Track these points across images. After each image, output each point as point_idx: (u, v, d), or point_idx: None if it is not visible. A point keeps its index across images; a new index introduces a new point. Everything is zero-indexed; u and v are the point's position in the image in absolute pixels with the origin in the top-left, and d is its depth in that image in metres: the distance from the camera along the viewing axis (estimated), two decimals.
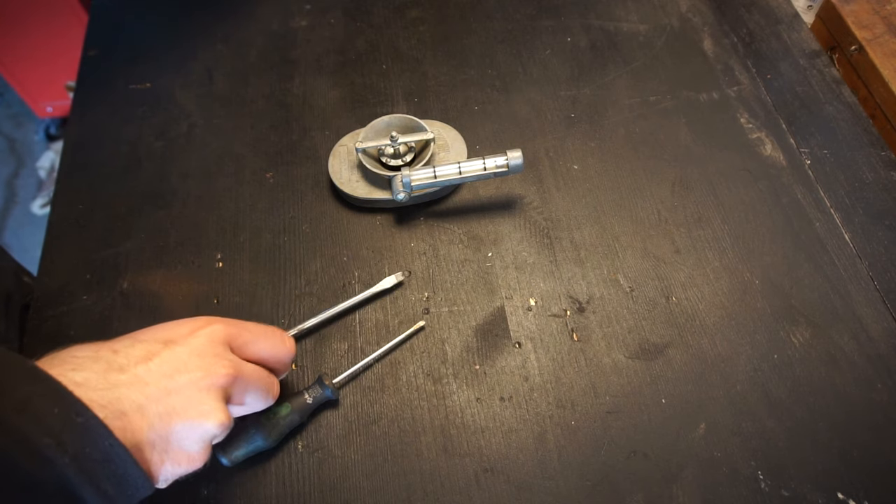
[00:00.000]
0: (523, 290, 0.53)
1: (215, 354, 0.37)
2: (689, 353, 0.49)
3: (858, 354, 0.49)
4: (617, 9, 0.71)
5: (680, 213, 0.57)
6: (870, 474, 0.44)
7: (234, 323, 0.40)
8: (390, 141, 0.55)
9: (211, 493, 0.45)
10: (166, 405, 0.34)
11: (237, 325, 0.40)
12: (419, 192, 0.55)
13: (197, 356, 0.36)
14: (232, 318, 0.42)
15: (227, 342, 0.39)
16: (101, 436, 0.30)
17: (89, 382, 0.32)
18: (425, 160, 0.55)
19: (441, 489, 0.44)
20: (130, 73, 0.69)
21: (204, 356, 0.37)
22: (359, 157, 0.55)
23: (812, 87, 0.64)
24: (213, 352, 0.37)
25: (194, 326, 0.38)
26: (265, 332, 0.42)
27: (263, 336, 0.41)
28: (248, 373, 0.39)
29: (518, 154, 0.52)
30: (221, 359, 0.37)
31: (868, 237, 0.55)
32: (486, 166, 0.52)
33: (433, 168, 0.53)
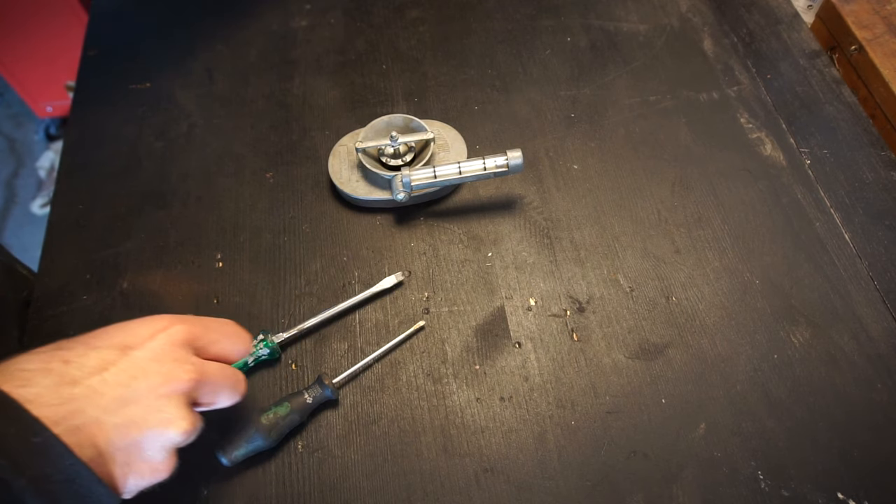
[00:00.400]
0: (523, 290, 0.53)
1: (176, 359, 0.35)
2: (689, 353, 0.49)
3: (858, 354, 0.49)
4: (617, 9, 0.71)
5: (680, 213, 0.57)
6: (870, 474, 0.44)
7: (195, 321, 0.38)
8: (390, 141, 0.55)
9: (211, 493, 0.45)
10: (124, 416, 0.32)
11: (199, 323, 0.38)
12: (419, 192, 0.55)
13: (156, 361, 0.34)
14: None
15: (188, 343, 0.37)
16: (61, 455, 0.29)
17: (41, 398, 0.30)
18: (425, 160, 0.55)
19: (441, 489, 0.44)
20: (130, 73, 0.69)
21: (164, 361, 0.34)
22: (359, 157, 0.55)
23: (812, 87, 0.64)
24: (174, 356, 0.35)
25: (154, 328, 0.36)
26: (227, 329, 0.40)
27: (226, 335, 0.40)
28: (213, 373, 0.37)
29: (518, 154, 0.52)
30: (183, 363, 0.35)
31: (868, 237, 0.54)
32: (486, 166, 0.52)
33: (433, 168, 0.53)
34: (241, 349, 0.41)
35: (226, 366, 0.39)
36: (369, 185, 0.56)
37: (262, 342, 0.48)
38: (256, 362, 0.48)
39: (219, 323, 0.40)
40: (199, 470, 0.45)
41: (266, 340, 0.48)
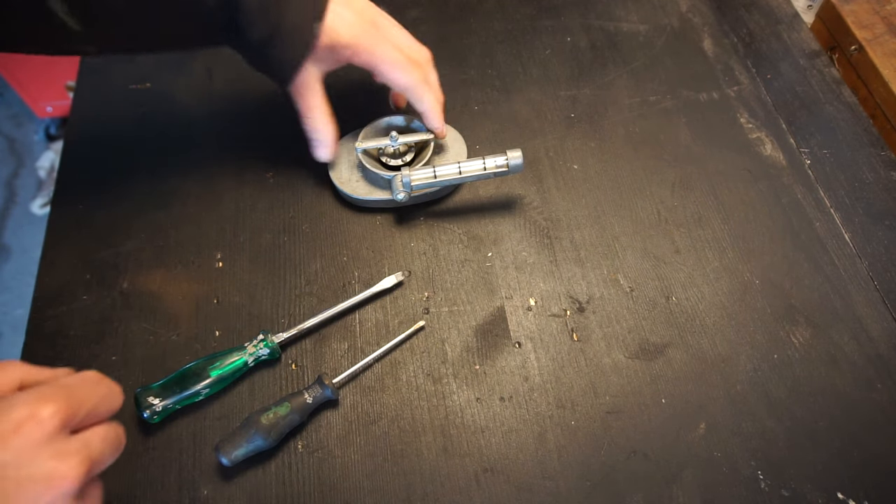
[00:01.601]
0: (523, 290, 0.53)
1: (55, 454, 0.28)
2: (689, 353, 0.49)
3: (858, 354, 0.49)
4: (617, 9, 0.71)
5: (680, 213, 0.57)
6: (870, 474, 0.44)
7: (60, 394, 0.29)
8: (390, 141, 0.55)
9: (211, 493, 0.45)
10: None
11: (67, 396, 0.30)
12: (419, 192, 0.55)
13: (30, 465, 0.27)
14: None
15: (64, 426, 0.29)
16: None
17: None
18: (425, 160, 0.55)
19: (441, 489, 0.44)
20: (130, 73, 0.69)
21: (40, 461, 0.27)
22: (359, 157, 0.55)
23: (812, 87, 0.64)
24: (52, 451, 0.27)
25: (16, 419, 0.27)
26: (99, 389, 0.32)
27: (99, 395, 0.32)
28: (101, 451, 0.30)
29: (518, 154, 0.52)
30: (65, 456, 0.28)
31: (868, 237, 0.55)
32: (486, 166, 0.53)
33: (433, 168, 0.53)
34: (116, 405, 0.33)
35: (108, 428, 0.32)
36: (369, 185, 0.56)
37: (262, 342, 0.48)
38: (256, 362, 0.48)
39: (85, 382, 0.32)
40: (199, 470, 0.45)
41: (266, 340, 0.48)
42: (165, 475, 0.45)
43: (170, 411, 0.45)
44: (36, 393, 0.29)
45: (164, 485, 0.45)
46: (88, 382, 0.32)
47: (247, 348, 0.47)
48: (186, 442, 0.46)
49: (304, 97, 0.52)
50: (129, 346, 0.50)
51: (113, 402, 0.33)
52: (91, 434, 0.30)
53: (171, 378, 0.46)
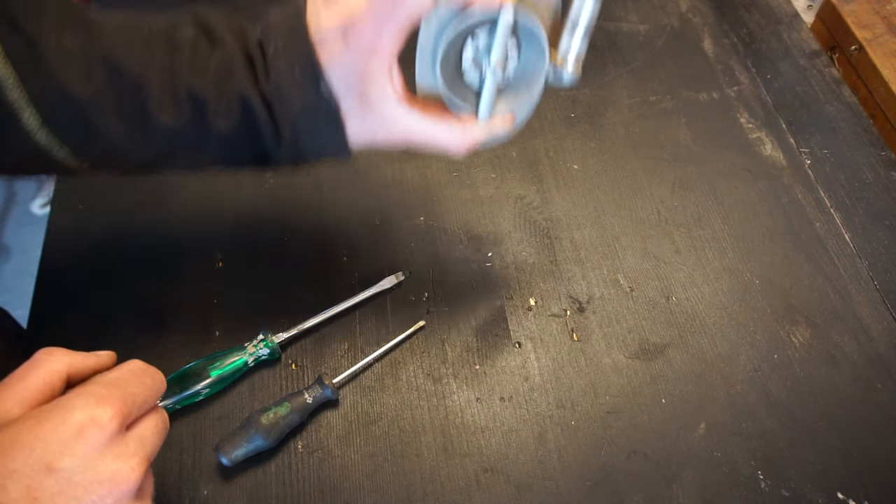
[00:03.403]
0: (523, 290, 0.53)
1: (117, 455, 0.28)
2: (689, 353, 0.49)
3: (858, 354, 0.49)
4: (617, 9, 0.71)
5: (680, 213, 0.57)
6: (870, 474, 0.44)
7: (115, 394, 0.30)
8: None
9: (211, 494, 0.45)
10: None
11: (121, 394, 0.30)
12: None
13: (94, 469, 0.27)
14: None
15: (122, 426, 0.30)
16: None
17: None
18: None
19: (441, 489, 0.44)
20: None
21: (103, 464, 0.28)
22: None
23: (812, 87, 0.64)
24: (114, 453, 0.28)
25: (77, 425, 0.28)
26: (145, 379, 0.33)
27: (147, 386, 0.32)
28: (155, 443, 0.31)
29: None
30: (126, 457, 0.29)
31: (868, 237, 0.55)
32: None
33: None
34: (161, 392, 0.34)
35: (156, 418, 0.33)
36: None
37: (262, 342, 0.48)
38: (256, 362, 0.48)
39: (134, 375, 0.32)
40: (199, 470, 0.45)
41: (266, 340, 0.48)
42: (165, 475, 0.45)
43: (170, 411, 0.45)
44: (92, 395, 0.29)
45: (164, 485, 0.45)
46: (136, 375, 0.32)
47: (247, 348, 0.47)
48: (186, 442, 0.46)
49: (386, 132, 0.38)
50: (128, 347, 0.50)
51: (159, 391, 0.34)
52: (144, 429, 0.31)
53: (171, 378, 0.46)
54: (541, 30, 0.36)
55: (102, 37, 0.35)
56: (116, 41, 0.35)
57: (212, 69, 0.36)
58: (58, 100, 0.33)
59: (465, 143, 0.39)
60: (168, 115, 0.35)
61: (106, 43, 0.35)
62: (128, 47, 0.35)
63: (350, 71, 0.35)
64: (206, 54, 0.36)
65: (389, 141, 0.38)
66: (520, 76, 0.38)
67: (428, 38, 0.36)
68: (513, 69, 0.38)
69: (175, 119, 0.36)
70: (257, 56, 0.36)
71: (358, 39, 0.34)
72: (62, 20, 0.34)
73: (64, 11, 0.35)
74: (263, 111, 0.36)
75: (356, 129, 0.37)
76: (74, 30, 0.34)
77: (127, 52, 0.35)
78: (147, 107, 0.35)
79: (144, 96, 0.35)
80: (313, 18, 0.35)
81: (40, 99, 0.33)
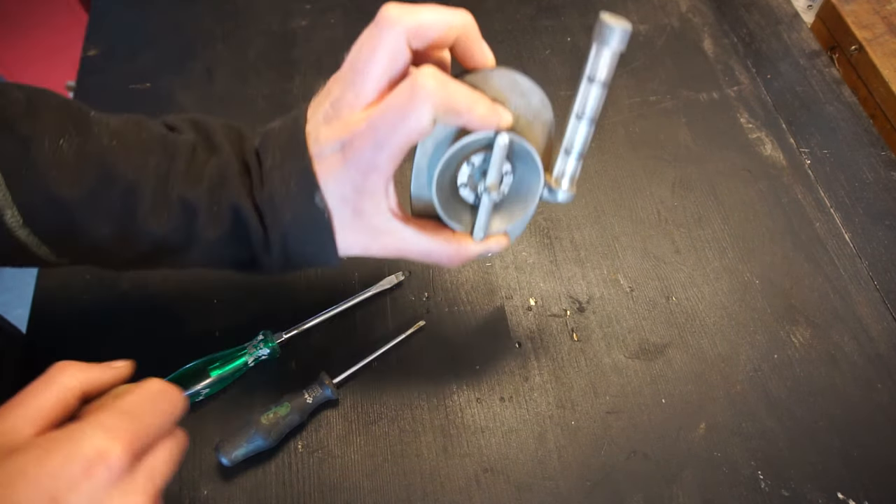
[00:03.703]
0: (523, 290, 0.53)
1: (124, 493, 0.28)
2: (689, 353, 0.49)
3: (858, 354, 0.49)
4: (617, 9, 0.71)
5: (680, 213, 0.57)
6: (870, 474, 0.44)
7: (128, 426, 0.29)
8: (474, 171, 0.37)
9: (211, 494, 0.45)
10: None
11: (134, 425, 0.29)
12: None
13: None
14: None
15: (134, 461, 0.29)
16: None
17: None
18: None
19: (441, 489, 0.44)
20: (130, 73, 0.69)
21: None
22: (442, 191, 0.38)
23: (812, 87, 0.64)
24: (122, 490, 0.28)
25: (85, 461, 0.27)
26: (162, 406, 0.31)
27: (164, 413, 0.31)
28: (164, 473, 0.30)
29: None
30: (134, 495, 0.28)
31: (868, 237, 0.55)
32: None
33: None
34: (179, 415, 0.32)
35: (171, 445, 0.32)
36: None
37: (262, 342, 0.48)
38: (256, 362, 0.48)
39: (149, 401, 0.31)
40: (199, 470, 0.45)
41: (266, 340, 0.48)
42: None
43: None
44: (102, 428, 0.28)
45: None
46: (153, 400, 0.31)
47: (247, 348, 0.47)
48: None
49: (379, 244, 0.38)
50: (128, 347, 0.50)
51: (176, 415, 0.32)
52: (156, 459, 0.30)
53: (171, 378, 0.46)
54: (535, 153, 0.36)
55: (100, 139, 0.35)
56: (113, 145, 0.35)
57: (206, 177, 0.36)
58: (43, 201, 0.33)
59: (458, 260, 0.39)
60: (157, 222, 0.36)
61: (102, 146, 0.35)
62: (125, 151, 0.35)
63: (346, 186, 0.35)
64: (202, 160, 0.36)
65: (382, 253, 0.38)
66: (515, 194, 0.39)
67: (424, 156, 0.36)
68: (507, 187, 0.38)
69: (164, 225, 0.36)
70: (254, 165, 0.36)
71: (355, 157, 0.33)
72: (61, 122, 0.34)
73: (64, 113, 0.35)
74: (255, 220, 0.36)
75: (349, 241, 0.37)
76: (71, 132, 0.34)
77: (123, 156, 0.35)
78: (136, 212, 0.35)
79: (135, 202, 0.35)
80: (312, 131, 0.35)
81: (25, 200, 0.33)
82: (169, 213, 0.35)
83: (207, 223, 0.36)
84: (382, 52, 0.33)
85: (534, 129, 0.37)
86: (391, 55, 0.33)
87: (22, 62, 1.63)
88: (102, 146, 0.35)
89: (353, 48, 0.34)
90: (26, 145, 0.33)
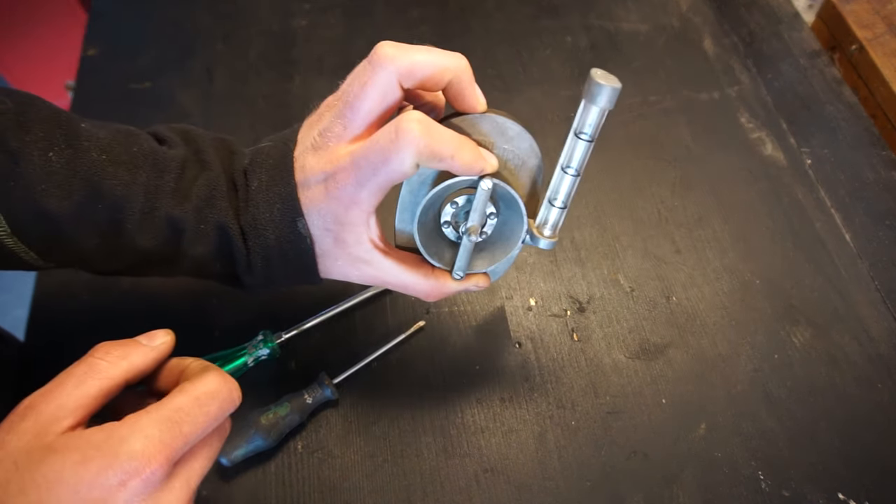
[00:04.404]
0: (523, 290, 0.53)
1: (160, 501, 0.28)
2: (689, 353, 0.49)
3: (859, 354, 0.49)
4: (617, 9, 0.71)
5: (680, 213, 0.57)
6: (870, 474, 0.44)
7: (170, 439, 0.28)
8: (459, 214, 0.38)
9: (211, 493, 0.45)
10: None
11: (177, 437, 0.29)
12: None
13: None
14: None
15: (171, 468, 0.29)
16: None
17: None
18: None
19: (441, 489, 0.44)
20: (130, 73, 0.69)
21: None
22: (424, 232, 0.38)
23: (812, 86, 0.64)
24: (156, 499, 0.28)
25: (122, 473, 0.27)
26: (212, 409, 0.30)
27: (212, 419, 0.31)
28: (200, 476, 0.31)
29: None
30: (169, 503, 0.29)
31: (868, 237, 0.54)
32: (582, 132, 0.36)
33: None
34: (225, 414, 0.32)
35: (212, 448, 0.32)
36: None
37: (262, 342, 0.48)
38: (256, 362, 0.48)
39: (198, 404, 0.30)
40: None
41: (266, 340, 0.48)
42: None
43: None
44: (143, 436, 0.27)
45: None
46: (200, 405, 0.30)
47: (246, 348, 0.47)
48: None
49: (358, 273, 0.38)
50: None
51: (224, 415, 0.32)
52: (194, 463, 0.30)
53: None
54: (519, 200, 0.37)
55: (90, 153, 0.35)
56: (103, 159, 0.35)
57: (194, 195, 0.36)
58: (31, 213, 0.34)
59: (436, 295, 0.40)
60: (144, 237, 0.36)
61: (91, 160, 0.35)
62: (113, 167, 0.35)
63: (328, 217, 0.35)
64: (191, 177, 0.37)
65: (361, 280, 0.39)
66: (498, 235, 0.39)
67: (410, 192, 0.37)
68: (491, 229, 0.39)
69: (151, 241, 0.36)
70: (241, 185, 0.37)
71: (338, 191, 0.34)
72: (51, 136, 0.34)
73: (54, 125, 0.35)
74: (240, 240, 0.36)
75: (329, 267, 0.38)
76: (61, 145, 0.34)
77: (112, 171, 0.35)
78: (124, 227, 0.35)
79: (122, 217, 0.35)
80: (300, 157, 0.35)
81: (13, 211, 0.34)
82: (156, 229, 0.36)
83: (194, 240, 0.36)
84: (373, 90, 0.33)
85: (520, 175, 0.38)
86: (382, 92, 0.33)
87: (22, 62, 1.63)
88: (92, 160, 0.35)
89: (347, 80, 0.35)
90: (15, 158, 0.33)
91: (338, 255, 0.37)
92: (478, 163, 0.34)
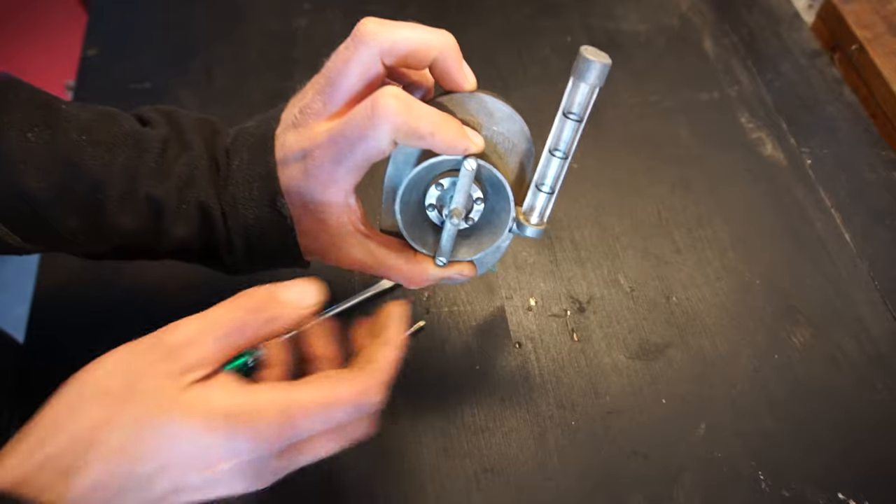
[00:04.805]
0: (523, 290, 0.53)
1: (236, 483, 0.29)
2: (689, 353, 0.49)
3: (859, 354, 0.49)
4: (617, 8, 0.71)
5: (680, 213, 0.57)
6: (870, 474, 0.44)
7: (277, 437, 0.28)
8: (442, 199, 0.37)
9: None
10: None
11: (282, 435, 0.28)
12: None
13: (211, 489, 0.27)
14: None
15: (270, 458, 0.29)
16: None
17: None
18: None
19: (441, 489, 0.44)
20: (130, 73, 0.68)
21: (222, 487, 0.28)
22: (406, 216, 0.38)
23: (812, 86, 0.64)
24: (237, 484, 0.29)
25: (218, 456, 0.27)
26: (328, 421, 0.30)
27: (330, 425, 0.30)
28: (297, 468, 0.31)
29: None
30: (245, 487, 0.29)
31: (868, 237, 0.54)
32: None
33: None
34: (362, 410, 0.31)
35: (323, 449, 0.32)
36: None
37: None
38: (256, 362, 0.48)
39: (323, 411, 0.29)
40: None
41: None
42: None
43: None
44: (254, 429, 0.27)
45: None
46: (325, 410, 0.29)
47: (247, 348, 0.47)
48: None
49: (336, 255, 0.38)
50: None
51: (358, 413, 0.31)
52: (293, 459, 0.31)
53: None
54: (506, 183, 0.35)
55: (69, 134, 0.35)
56: (83, 139, 0.35)
57: (175, 174, 0.36)
58: (11, 193, 0.34)
59: (417, 281, 0.39)
60: (125, 217, 0.36)
61: (71, 141, 0.35)
62: (93, 147, 0.35)
63: (307, 195, 0.35)
64: (172, 157, 0.36)
65: (340, 263, 0.38)
66: (486, 223, 0.38)
67: (395, 171, 0.36)
68: (478, 215, 0.37)
69: (132, 221, 0.36)
70: (223, 164, 0.36)
71: (316, 168, 0.33)
72: (30, 116, 0.34)
73: (33, 106, 0.35)
74: (219, 219, 0.36)
75: (310, 247, 0.38)
76: (40, 125, 0.34)
77: (91, 151, 0.35)
78: (104, 207, 0.35)
79: (103, 197, 0.35)
80: (281, 135, 0.35)
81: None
82: (136, 209, 0.36)
83: (175, 220, 0.36)
84: (354, 66, 0.33)
85: (509, 159, 0.36)
86: (363, 69, 0.33)
87: (22, 62, 1.63)
88: (71, 140, 0.35)
89: (331, 57, 0.34)
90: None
91: (318, 235, 0.36)
92: (461, 141, 0.32)
